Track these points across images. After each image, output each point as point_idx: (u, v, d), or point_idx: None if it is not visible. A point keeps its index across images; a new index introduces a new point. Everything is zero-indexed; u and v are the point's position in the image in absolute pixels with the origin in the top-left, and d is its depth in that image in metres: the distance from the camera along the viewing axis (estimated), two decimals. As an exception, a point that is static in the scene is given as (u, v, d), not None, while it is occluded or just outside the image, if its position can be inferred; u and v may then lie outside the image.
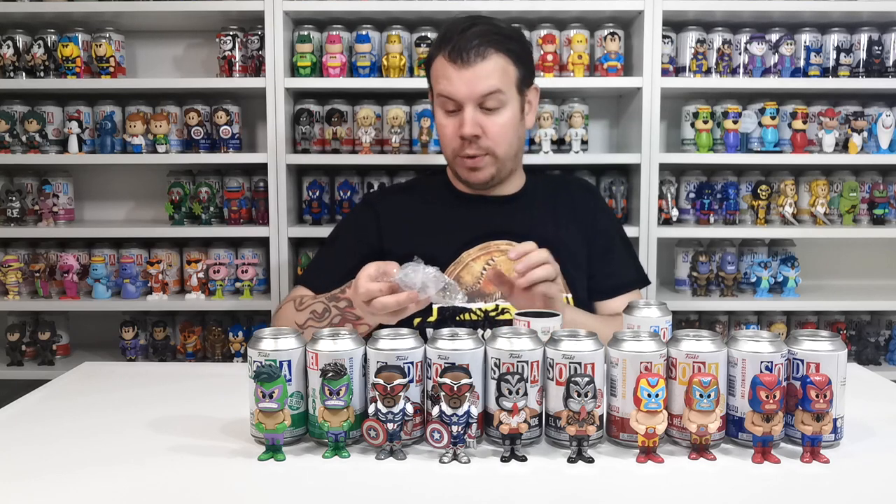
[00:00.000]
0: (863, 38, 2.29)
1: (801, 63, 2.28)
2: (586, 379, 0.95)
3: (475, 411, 0.96)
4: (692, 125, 2.28)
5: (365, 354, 1.02)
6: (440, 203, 1.66)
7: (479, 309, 1.51)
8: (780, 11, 2.25)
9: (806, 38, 2.29)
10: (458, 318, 1.51)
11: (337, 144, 2.29)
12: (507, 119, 1.52)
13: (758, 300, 2.27)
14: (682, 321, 2.33)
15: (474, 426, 0.98)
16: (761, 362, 0.99)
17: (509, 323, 1.48)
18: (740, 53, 2.30)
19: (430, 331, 1.49)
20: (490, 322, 1.50)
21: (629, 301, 1.20)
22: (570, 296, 1.55)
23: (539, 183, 1.72)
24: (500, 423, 0.96)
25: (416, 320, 1.50)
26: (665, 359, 1.01)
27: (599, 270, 1.62)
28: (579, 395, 0.95)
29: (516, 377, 0.96)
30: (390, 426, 0.96)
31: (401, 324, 1.33)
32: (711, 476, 0.94)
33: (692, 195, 2.34)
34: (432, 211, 1.65)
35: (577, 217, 1.65)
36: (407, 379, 0.97)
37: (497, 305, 1.51)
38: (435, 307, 1.51)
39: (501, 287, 1.34)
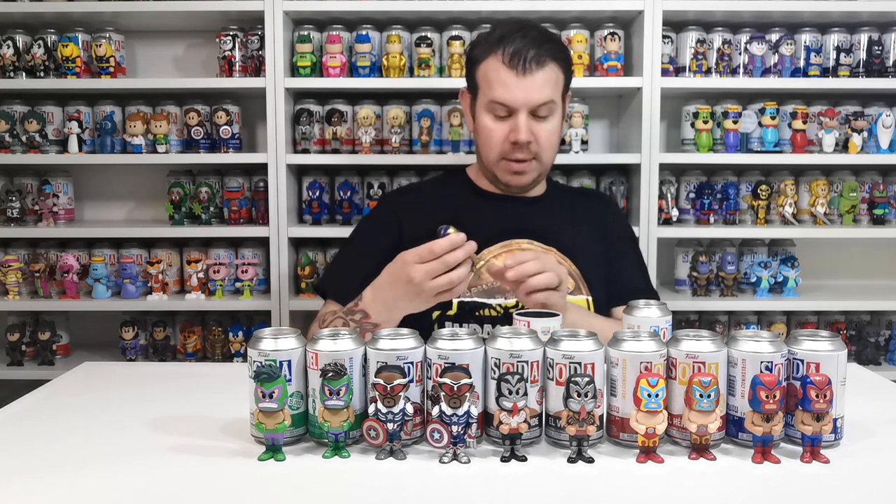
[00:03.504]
0: (863, 38, 2.29)
1: (801, 63, 2.28)
2: (586, 379, 0.95)
3: (475, 411, 0.96)
4: (692, 125, 2.28)
5: (365, 354, 1.02)
6: (462, 200, 1.66)
7: (500, 305, 1.51)
8: (780, 11, 2.25)
9: (806, 38, 2.29)
10: (477, 313, 1.50)
11: (337, 144, 2.29)
12: (554, 126, 1.55)
13: (758, 300, 2.27)
14: (682, 321, 2.33)
15: (474, 426, 0.98)
16: (761, 362, 0.99)
17: None
18: (740, 53, 2.30)
19: (448, 325, 1.48)
20: (509, 319, 1.49)
21: None
22: (590, 298, 1.56)
23: (559, 190, 1.75)
24: (500, 423, 0.96)
25: (436, 314, 1.50)
26: (665, 359, 1.01)
27: (615, 276, 1.63)
28: (579, 395, 0.95)
29: (516, 377, 0.96)
30: (390, 426, 0.96)
31: (421, 316, 1.34)
32: (711, 476, 0.94)
33: (692, 195, 2.34)
34: (454, 208, 1.64)
35: (595, 223, 1.67)
36: (407, 379, 0.97)
37: (517, 302, 1.51)
38: (455, 301, 1.51)
39: (504, 284, 1.33)
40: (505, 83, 1.48)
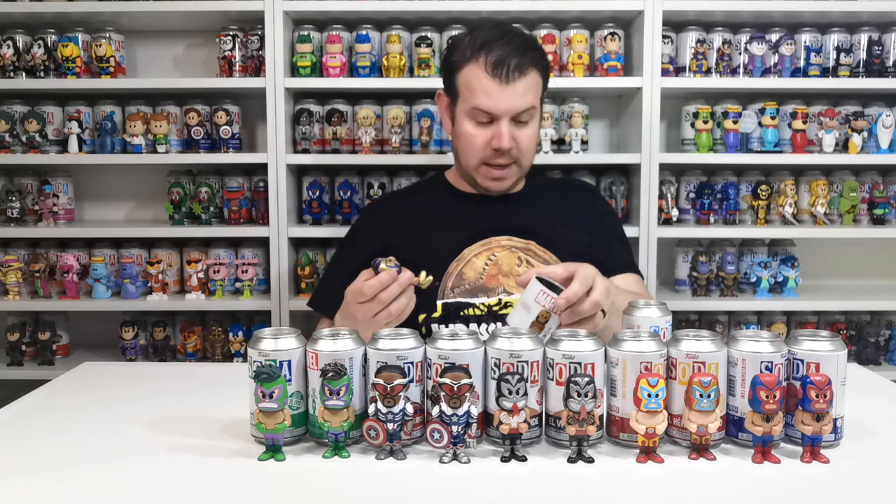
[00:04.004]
0: (863, 38, 2.29)
1: (801, 63, 2.28)
2: (586, 379, 0.95)
3: (475, 411, 0.96)
4: (692, 125, 2.28)
5: (365, 354, 1.02)
6: (440, 203, 1.68)
7: (483, 304, 1.51)
8: (780, 11, 2.25)
9: (806, 38, 2.29)
10: (461, 313, 1.51)
11: (337, 144, 2.29)
12: (533, 130, 1.57)
13: (758, 300, 2.27)
14: (682, 321, 2.33)
15: (474, 426, 0.98)
16: (761, 362, 0.99)
17: None
18: (740, 53, 2.30)
19: (434, 326, 1.49)
20: (493, 317, 1.51)
21: (628, 279, 1.21)
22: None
23: (539, 183, 1.75)
24: (500, 423, 0.96)
25: (421, 316, 1.51)
26: (665, 359, 1.01)
27: (600, 251, 1.63)
28: (579, 395, 0.95)
29: (516, 377, 0.96)
30: (390, 426, 0.96)
31: (407, 320, 1.33)
32: (711, 476, 0.94)
33: (692, 195, 2.34)
34: (433, 211, 1.66)
35: (579, 214, 1.67)
36: (407, 379, 0.97)
37: (500, 300, 1.52)
38: (439, 303, 1.51)
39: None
40: (488, 91, 1.49)
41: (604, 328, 1.28)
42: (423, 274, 1.28)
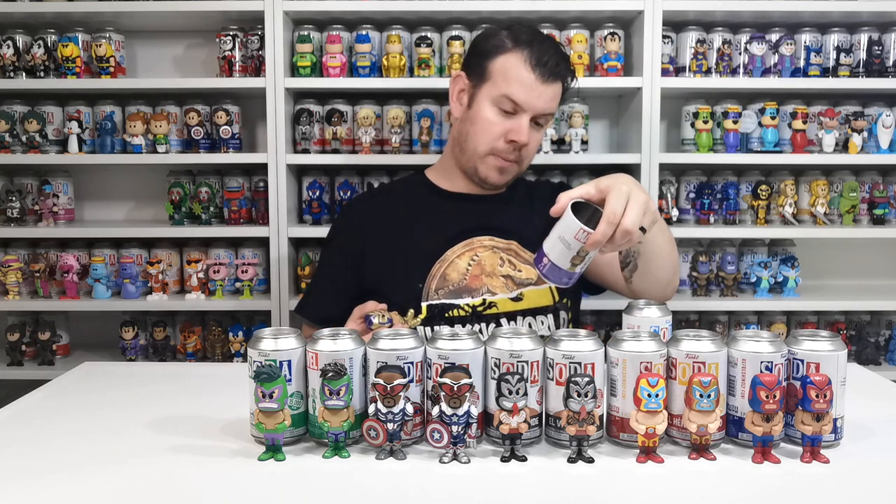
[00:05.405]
0: (863, 38, 2.29)
1: (801, 63, 2.28)
2: (586, 379, 0.95)
3: (475, 411, 0.97)
4: (692, 125, 2.28)
5: (365, 354, 1.02)
6: (421, 202, 1.67)
7: (467, 304, 1.51)
8: (780, 11, 2.25)
9: (806, 38, 2.29)
10: (446, 314, 1.51)
11: (337, 144, 2.29)
12: (542, 136, 1.63)
13: (758, 300, 2.27)
14: (682, 321, 2.33)
15: (474, 426, 0.98)
16: (761, 362, 0.99)
17: (496, 318, 1.50)
18: (740, 53, 2.30)
19: (419, 329, 1.49)
20: (478, 317, 1.50)
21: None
22: (553, 286, 1.53)
23: (517, 185, 1.74)
24: (500, 423, 0.96)
25: None
26: (665, 359, 1.01)
27: None
28: (579, 395, 0.95)
29: (516, 377, 0.96)
30: (390, 426, 0.96)
31: None
32: (711, 476, 0.94)
33: (692, 195, 2.34)
34: (413, 211, 1.65)
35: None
36: (407, 379, 0.97)
37: (484, 300, 1.51)
38: (424, 305, 1.51)
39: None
40: (524, 83, 1.51)
41: (651, 244, 1.36)
42: (411, 313, 1.33)
